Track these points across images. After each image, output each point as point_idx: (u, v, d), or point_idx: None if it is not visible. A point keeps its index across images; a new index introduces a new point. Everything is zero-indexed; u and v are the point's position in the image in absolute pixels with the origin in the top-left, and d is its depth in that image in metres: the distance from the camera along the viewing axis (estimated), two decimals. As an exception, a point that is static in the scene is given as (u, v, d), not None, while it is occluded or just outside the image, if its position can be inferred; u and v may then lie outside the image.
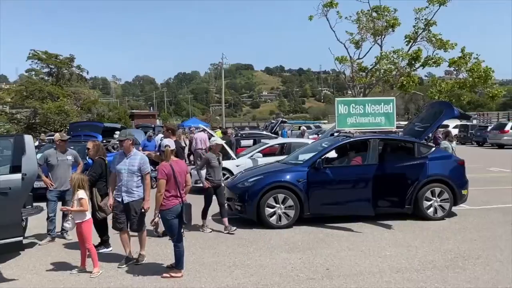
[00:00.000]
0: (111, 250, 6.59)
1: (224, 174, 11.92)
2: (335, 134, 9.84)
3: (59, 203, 7.28)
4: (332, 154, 8.79)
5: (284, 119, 31.42)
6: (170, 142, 5.59)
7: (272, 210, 7.76)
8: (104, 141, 15.82)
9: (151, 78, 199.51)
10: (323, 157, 8.04)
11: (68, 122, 36.40)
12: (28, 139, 5.69)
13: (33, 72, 45.83)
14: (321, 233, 7.48)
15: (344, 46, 23.33)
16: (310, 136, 19.04)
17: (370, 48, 23.88)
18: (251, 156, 12.02)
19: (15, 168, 5.33)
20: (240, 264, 5.95)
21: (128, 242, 6.01)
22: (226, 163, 12.12)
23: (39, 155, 7.20)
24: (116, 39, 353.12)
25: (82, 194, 5.64)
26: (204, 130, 17.83)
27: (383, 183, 7.94)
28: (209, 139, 17.64)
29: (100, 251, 6.40)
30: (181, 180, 5.40)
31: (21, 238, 5.38)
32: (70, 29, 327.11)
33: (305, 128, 17.67)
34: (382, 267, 5.78)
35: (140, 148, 13.95)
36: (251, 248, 6.66)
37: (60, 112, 38.44)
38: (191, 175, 12.39)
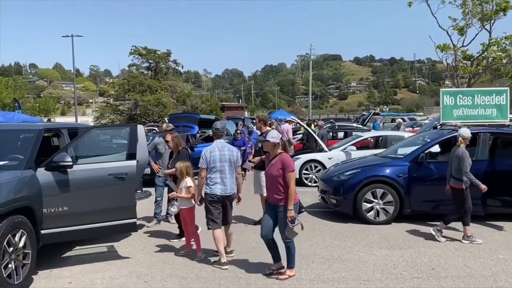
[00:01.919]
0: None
1: (316, 167, 11.88)
2: (439, 127, 9.23)
3: (165, 188, 7.78)
4: (436, 148, 8.27)
5: (377, 111, 30.10)
6: (276, 134, 5.22)
7: (369, 205, 7.53)
8: (199, 132, 16.59)
9: (239, 71, 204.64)
10: (426, 151, 7.60)
11: (166, 113, 38.81)
12: (140, 128, 6.15)
13: (134, 67, 49.36)
14: (423, 231, 7.09)
15: (447, 33, 21.68)
16: (406, 129, 18.14)
17: (476, 35, 21.86)
18: (344, 149, 11.76)
19: (131, 155, 5.77)
20: (338, 257, 5.87)
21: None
22: (317, 156, 12.04)
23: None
24: (208, 34, 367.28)
25: (190, 182, 5.92)
26: (289, 122, 17.83)
27: (495, 180, 7.28)
28: (296, 131, 17.75)
29: (183, 239, 6.59)
30: None
31: (135, 220, 5.80)
32: (167, 25, 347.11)
33: (401, 121, 16.76)
34: (495, 270, 5.33)
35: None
36: (348, 243, 6.53)
37: (158, 104, 41.10)
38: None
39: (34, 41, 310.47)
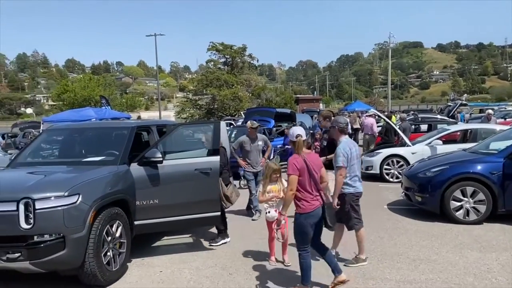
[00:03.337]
0: (229, 241, 6.56)
1: (398, 162, 11.41)
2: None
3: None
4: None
5: (464, 101, 27.69)
6: (301, 131, 4.62)
7: (458, 203, 7.09)
8: (275, 125, 16.73)
9: (313, 62, 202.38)
10: (525, 147, 6.97)
11: (242, 107, 39.55)
12: (223, 125, 6.33)
13: (212, 63, 50.80)
14: (520, 233, 6.54)
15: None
16: (498, 121, 16.72)
17: None
18: (429, 143, 11.14)
19: (215, 151, 5.98)
20: (425, 258, 5.60)
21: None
22: (400, 150, 11.56)
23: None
24: (281, 26, 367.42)
25: (285, 183, 5.89)
26: (373, 115, 17.26)
27: None
28: (377, 122, 17.13)
29: (220, 242, 6.48)
30: (317, 176, 4.56)
31: (219, 213, 6.03)
32: (242, 20, 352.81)
33: (491, 112, 15.46)
34: None
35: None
36: (435, 243, 6.21)
37: (235, 98, 42.00)
38: (361, 161, 12.27)
39: (121, 40, 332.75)
